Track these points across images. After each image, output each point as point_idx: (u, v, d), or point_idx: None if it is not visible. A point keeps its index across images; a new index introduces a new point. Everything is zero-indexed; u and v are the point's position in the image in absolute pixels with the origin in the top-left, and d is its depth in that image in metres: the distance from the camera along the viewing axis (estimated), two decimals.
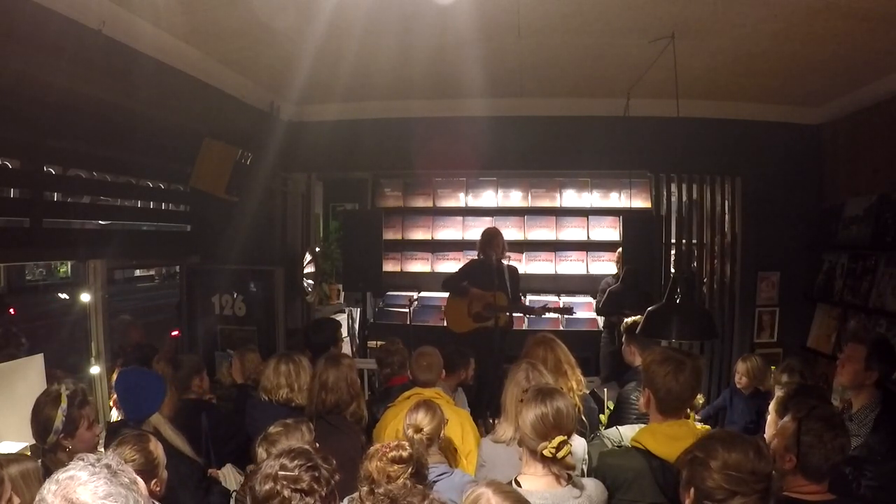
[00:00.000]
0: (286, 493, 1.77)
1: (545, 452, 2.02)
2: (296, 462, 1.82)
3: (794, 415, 2.11)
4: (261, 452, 2.35)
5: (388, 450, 2.22)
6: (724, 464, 1.66)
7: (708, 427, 2.83)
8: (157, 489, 2.25)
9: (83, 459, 1.33)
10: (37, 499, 1.28)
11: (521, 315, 6.58)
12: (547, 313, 5.54)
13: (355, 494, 2.15)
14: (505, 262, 5.21)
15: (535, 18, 3.34)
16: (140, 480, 1.46)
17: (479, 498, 1.68)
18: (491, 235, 5.33)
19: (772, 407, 2.80)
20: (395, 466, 2.18)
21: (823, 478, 2.02)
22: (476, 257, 5.43)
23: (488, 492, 1.68)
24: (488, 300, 5.08)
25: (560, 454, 2.02)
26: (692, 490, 1.74)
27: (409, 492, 1.78)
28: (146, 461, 2.21)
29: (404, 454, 2.21)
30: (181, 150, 4.64)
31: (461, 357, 3.88)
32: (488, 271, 5.11)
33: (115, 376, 3.96)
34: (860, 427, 2.72)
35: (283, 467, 1.81)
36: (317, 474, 1.81)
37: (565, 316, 6.02)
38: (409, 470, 2.19)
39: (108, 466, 1.31)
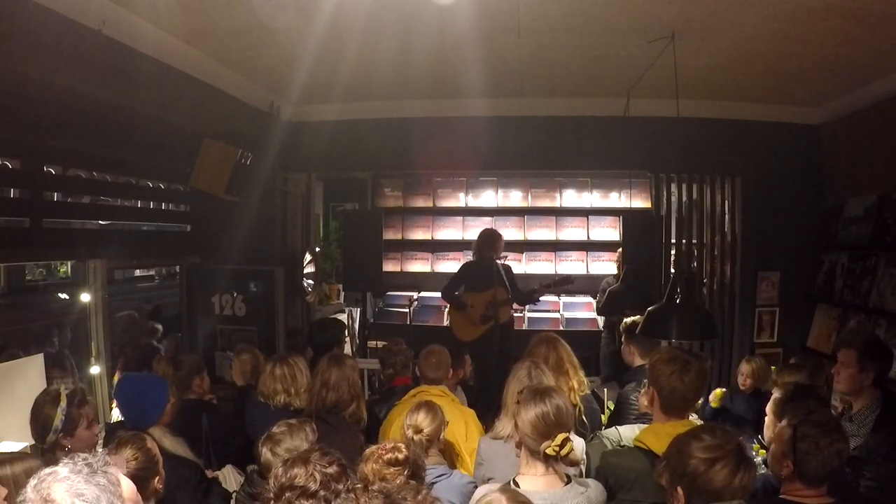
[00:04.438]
0: (317, 475, 1.81)
1: (549, 451, 2.01)
2: (328, 457, 1.89)
3: (789, 421, 2.10)
4: (264, 452, 2.35)
5: (384, 452, 2.21)
6: (697, 445, 1.80)
7: None
8: (160, 486, 2.26)
9: (73, 458, 1.32)
10: (20, 497, 1.28)
11: (521, 313, 6.59)
12: (547, 291, 5.50)
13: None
14: (499, 261, 5.22)
15: (535, 18, 3.34)
16: (125, 482, 1.45)
17: (490, 503, 1.68)
18: (493, 238, 5.35)
19: (769, 408, 2.80)
20: (391, 469, 2.17)
21: (822, 483, 2.01)
22: (471, 258, 5.46)
23: (501, 497, 1.69)
24: (489, 299, 5.10)
25: (564, 451, 2.02)
26: (679, 488, 1.77)
27: (403, 487, 1.78)
28: (147, 458, 2.23)
29: (400, 456, 2.20)
30: (181, 150, 4.64)
31: (455, 356, 3.89)
32: (486, 271, 5.13)
33: (116, 378, 3.97)
34: (860, 428, 2.72)
35: (315, 455, 1.89)
36: (346, 471, 1.89)
37: (565, 288, 5.91)
38: (405, 472, 2.18)
39: (89, 466, 1.30)
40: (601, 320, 6.35)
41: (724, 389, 3.80)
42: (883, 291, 4.19)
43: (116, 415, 3.58)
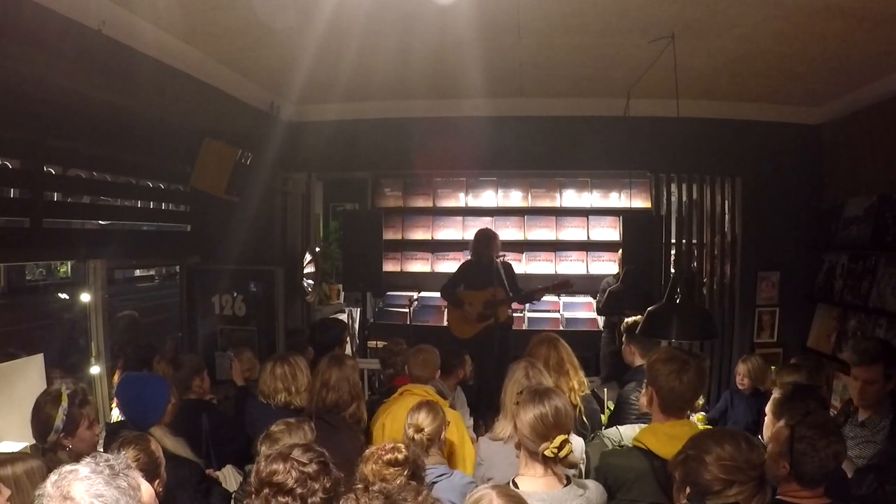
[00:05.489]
0: (294, 472, 1.79)
1: (547, 453, 2.01)
2: (309, 454, 1.87)
3: (787, 421, 2.08)
4: (263, 451, 2.35)
5: (383, 452, 2.21)
6: (718, 457, 1.72)
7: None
8: (161, 489, 2.26)
9: (94, 458, 1.33)
10: (39, 490, 1.29)
11: (521, 313, 6.60)
12: (546, 292, 5.50)
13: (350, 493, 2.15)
14: (498, 260, 5.23)
15: (535, 18, 3.34)
16: (145, 486, 1.45)
17: (482, 499, 1.68)
18: (489, 237, 5.36)
19: (769, 408, 2.79)
20: (391, 469, 2.17)
21: (818, 484, 1.99)
22: (470, 258, 5.46)
23: (492, 493, 1.69)
24: (487, 297, 5.10)
25: (562, 453, 2.02)
26: (688, 489, 1.75)
27: (403, 488, 1.78)
28: (150, 460, 2.23)
29: (400, 457, 2.20)
30: (181, 150, 4.63)
31: (456, 357, 3.90)
32: (485, 270, 5.14)
33: (116, 378, 3.97)
34: (875, 434, 2.70)
35: (296, 452, 1.86)
36: (327, 469, 1.86)
37: (564, 291, 5.92)
38: (405, 472, 2.18)
39: (112, 468, 1.31)
40: (601, 320, 6.36)
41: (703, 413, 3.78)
42: (883, 291, 4.19)
43: (116, 415, 3.58)
